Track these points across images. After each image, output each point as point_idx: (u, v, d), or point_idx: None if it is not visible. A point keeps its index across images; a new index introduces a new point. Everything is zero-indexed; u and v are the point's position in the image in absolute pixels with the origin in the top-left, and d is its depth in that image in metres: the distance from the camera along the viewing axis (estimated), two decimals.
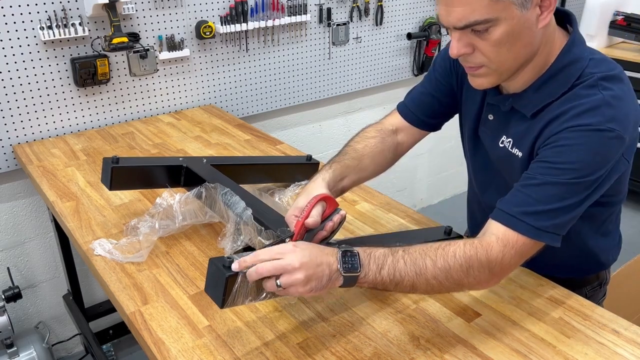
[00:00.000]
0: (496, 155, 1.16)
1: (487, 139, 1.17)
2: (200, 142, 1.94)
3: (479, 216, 1.34)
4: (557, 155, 0.96)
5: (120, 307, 1.14)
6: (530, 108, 1.04)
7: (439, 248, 0.95)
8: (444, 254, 0.94)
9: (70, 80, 2.01)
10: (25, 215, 2.10)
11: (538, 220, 0.95)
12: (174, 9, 2.15)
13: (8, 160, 1.97)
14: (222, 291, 0.87)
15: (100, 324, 2.26)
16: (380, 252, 0.93)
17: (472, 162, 1.28)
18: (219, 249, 1.25)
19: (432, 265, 0.93)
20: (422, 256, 0.94)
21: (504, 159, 1.13)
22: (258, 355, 1.00)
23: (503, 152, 1.12)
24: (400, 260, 0.93)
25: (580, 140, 0.94)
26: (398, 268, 0.92)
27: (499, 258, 0.95)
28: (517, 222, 0.95)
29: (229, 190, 1.24)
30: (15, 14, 1.84)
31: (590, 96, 0.96)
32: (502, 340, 1.03)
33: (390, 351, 1.00)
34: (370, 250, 0.93)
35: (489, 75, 1.01)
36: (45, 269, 2.21)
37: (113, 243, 1.31)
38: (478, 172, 1.27)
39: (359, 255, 0.91)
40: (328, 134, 2.87)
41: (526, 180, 0.98)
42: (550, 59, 1.02)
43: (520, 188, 0.98)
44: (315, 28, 2.55)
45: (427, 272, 0.93)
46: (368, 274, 0.91)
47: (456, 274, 0.94)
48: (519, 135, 1.07)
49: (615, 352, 0.99)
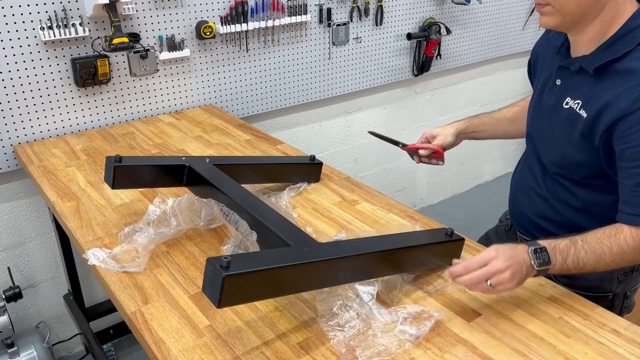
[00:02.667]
0: (557, 117, 1.22)
1: (550, 103, 1.25)
2: (200, 142, 1.94)
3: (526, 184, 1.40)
4: None
5: (120, 306, 1.15)
6: (594, 63, 1.11)
7: (611, 236, 1.09)
8: (617, 241, 1.08)
9: (70, 80, 2.01)
10: (25, 215, 2.10)
11: None
12: (174, 9, 2.15)
13: (9, 160, 1.97)
14: (219, 291, 0.88)
15: (101, 324, 2.26)
16: (563, 244, 1.08)
17: (531, 128, 1.36)
18: (219, 249, 1.25)
19: (609, 252, 1.08)
20: (600, 244, 1.08)
21: (566, 120, 1.19)
22: (258, 354, 1.00)
23: (566, 113, 1.19)
24: (582, 250, 1.08)
25: None
26: (580, 257, 1.08)
27: None
28: None
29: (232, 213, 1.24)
30: (15, 14, 1.84)
31: None
32: (502, 340, 1.03)
33: (393, 349, 1.00)
34: (555, 243, 1.08)
35: (552, 14, 1.11)
36: (45, 269, 2.21)
37: (107, 252, 1.28)
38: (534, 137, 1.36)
39: (546, 250, 1.06)
40: (328, 134, 2.87)
41: (633, 179, 1.08)
42: (620, 21, 1.09)
43: (634, 187, 1.08)
44: (315, 28, 2.56)
45: (606, 258, 1.08)
46: (555, 265, 1.07)
47: (630, 256, 1.09)
48: (587, 96, 1.14)
49: (615, 351, 1.00)
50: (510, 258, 1.03)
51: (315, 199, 1.56)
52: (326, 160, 1.75)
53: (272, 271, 0.94)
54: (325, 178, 1.68)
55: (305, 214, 1.48)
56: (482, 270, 1.03)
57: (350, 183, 1.65)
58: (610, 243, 1.08)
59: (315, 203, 1.54)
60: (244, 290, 0.92)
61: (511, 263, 1.03)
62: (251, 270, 0.91)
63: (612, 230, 1.09)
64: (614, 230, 1.09)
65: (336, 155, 2.94)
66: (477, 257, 1.05)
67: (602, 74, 1.11)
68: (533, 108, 1.34)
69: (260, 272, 0.93)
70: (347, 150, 2.99)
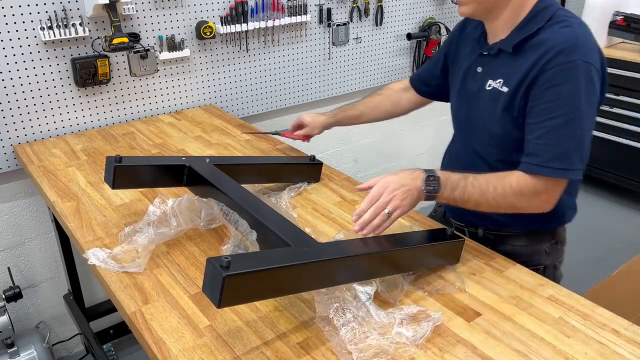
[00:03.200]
0: (482, 100, 1.32)
1: (474, 89, 1.34)
2: (200, 142, 1.94)
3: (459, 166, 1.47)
4: (551, 95, 1.15)
5: (120, 306, 1.15)
6: (512, 42, 1.23)
7: (500, 177, 1.20)
8: (503, 182, 1.19)
9: (70, 80, 2.01)
10: (25, 215, 2.10)
11: (561, 161, 1.15)
12: (174, 9, 2.15)
13: (9, 160, 1.97)
14: (219, 291, 0.88)
15: (101, 324, 2.26)
16: (456, 177, 1.21)
17: (457, 115, 1.45)
18: (219, 249, 1.25)
19: (493, 190, 1.19)
20: (487, 183, 1.20)
21: (489, 101, 1.29)
22: (259, 354, 1.00)
23: (489, 94, 1.29)
24: (469, 185, 1.20)
25: (569, 76, 1.13)
26: (467, 191, 1.20)
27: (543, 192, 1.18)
28: (545, 169, 1.16)
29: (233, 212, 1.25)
30: (15, 14, 1.84)
31: (563, 34, 1.16)
32: (502, 340, 1.03)
33: (390, 350, 1.00)
34: (449, 175, 1.21)
35: (469, 3, 1.24)
36: (45, 269, 2.21)
37: (107, 252, 1.28)
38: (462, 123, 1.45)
39: (439, 179, 1.19)
40: (328, 134, 2.85)
41: (536, 132, 1.17)
42: (528, 5, 1.23)
43: (535, 139, 1.18)
44: (315, 28, 2.56)
45: (489, 195, 1.19)
46: (444, 193, 1.20)
47: (510, 199, 1.19)
48: (508, 74, 1.25)
49: (615, 351, 1.00)
50: (402, 184, 1.17)
51: (315, 199, 1.56)
52: (326, 160, 1.75)
53: (272, 271, 0.94)
54: (325, 178, 1.68)
55: (305, 214, 1.48)
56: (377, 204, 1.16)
57: (350, 183, 1.65)
58: (496, 183, 1.20)
59: (315, 203, 1.54)
60: (244, 290, 0.92)
61: (402, 188, 1.16)
62: (251, 270, 0.91)
63: (503, 174, 1.21)
64: (505, 173, 1.21)
65: (336, 155, 2.94)
66: (368, 197, 1.17)
67: (519, 51, 1.23)
68: (457, 99, 1.42)
69: (260, 272, 0.93)
70: (347, 150, 2.99)
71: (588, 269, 2.78)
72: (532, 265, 1.34)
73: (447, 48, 1.48)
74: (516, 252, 1.36)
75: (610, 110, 3.37)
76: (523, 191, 1.18)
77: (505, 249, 1.36)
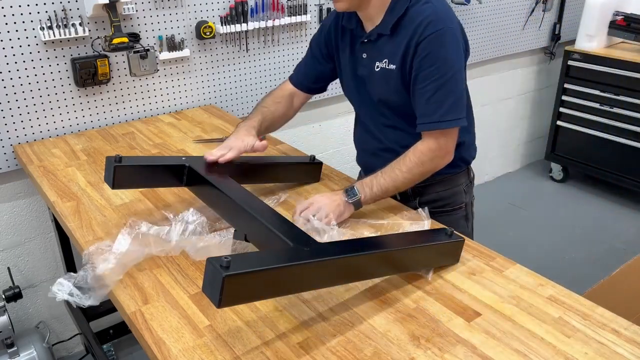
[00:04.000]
0: (374, 80, 1.47)
1: (365, 73, 1.49)
2: (200, 142, 1.94)
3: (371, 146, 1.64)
4: (430, 61, 1.33)
5: (120, 306, 1.15)
6: (388, 24, 1.39)
7: (400, 159, 1.40)
8: (404, 162, 1.39)
9: (70, 80, 2.01)
10: (25, 215, 2.10)
11: (449, 114, 1.35)
12: (174, 9, 2.15)
13: (8, 160, 1.97)
14: (219, 291, 0.87)
15: (101, 324, 2.26)
16: (368, 179, 1.41)
17: (357, 98, 1.60)
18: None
19: (400, 172, 1.39)
20: (393, 169, 1.40)
21: (381, 80, 1.45)
22: (258, 354, 1.00)
23: (379, 74, 1.44)
24: (381, 179, 1.40)
25: (440, 42, 1.32)
26: (381, 184, 1.39)
27: (438, 149, 1.39)
28: (441, 124, 1.36)
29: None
30: (15, 14, 1.84)
31: (427, 9, 1.35)
32: (502, 340, 1.03)
33: (390, 351, 1.00)
34: (362, 180, 1.42)
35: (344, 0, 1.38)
36: (45, 269, 2.21)
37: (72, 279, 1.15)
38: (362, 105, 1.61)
39: (355, 187, 1.40)
40: (328, 134, 2.87)
41: (425, 95, 1.36)
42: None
43: (425, 102, 1.36)
44: (315, 28, 2.55)
45: (399, 178, 1.39)
46: (366, 195, 1.39)
47: (417, 169, 1.40)
48: (391, 53, 1.41)
49: (615, 351, 1.00)
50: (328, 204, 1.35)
51: None
52: (326, 160, 1.75)
53: (272, 271, 0.94)
54: (325, 178, 1.68)
55: None
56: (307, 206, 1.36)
57: (350, 183, 1.65)
58: (400, 165, 1.39)
59: None
60: (244, 290, 0.92)
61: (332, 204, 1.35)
62: (251, 270, 0.91)
63: (401, 156, 1.40)
64: (403, 154, 1.40)
65: (336, 155, 2.94)
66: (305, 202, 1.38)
67: (396, 31, 1.39)
68: (353, 87, 1.56)
69: (260, 272, 0.93)
70: (347, 150, 2.99)
71: (588, 269, 2.79)
72: (456, 205, 1.61)
73: (325, 37, 1.58)
74: (441, 197, 1.59)
75: (610, 110, 3.37)
76: (422, 159, 1.38)
77: (431, 197, 1.58)
